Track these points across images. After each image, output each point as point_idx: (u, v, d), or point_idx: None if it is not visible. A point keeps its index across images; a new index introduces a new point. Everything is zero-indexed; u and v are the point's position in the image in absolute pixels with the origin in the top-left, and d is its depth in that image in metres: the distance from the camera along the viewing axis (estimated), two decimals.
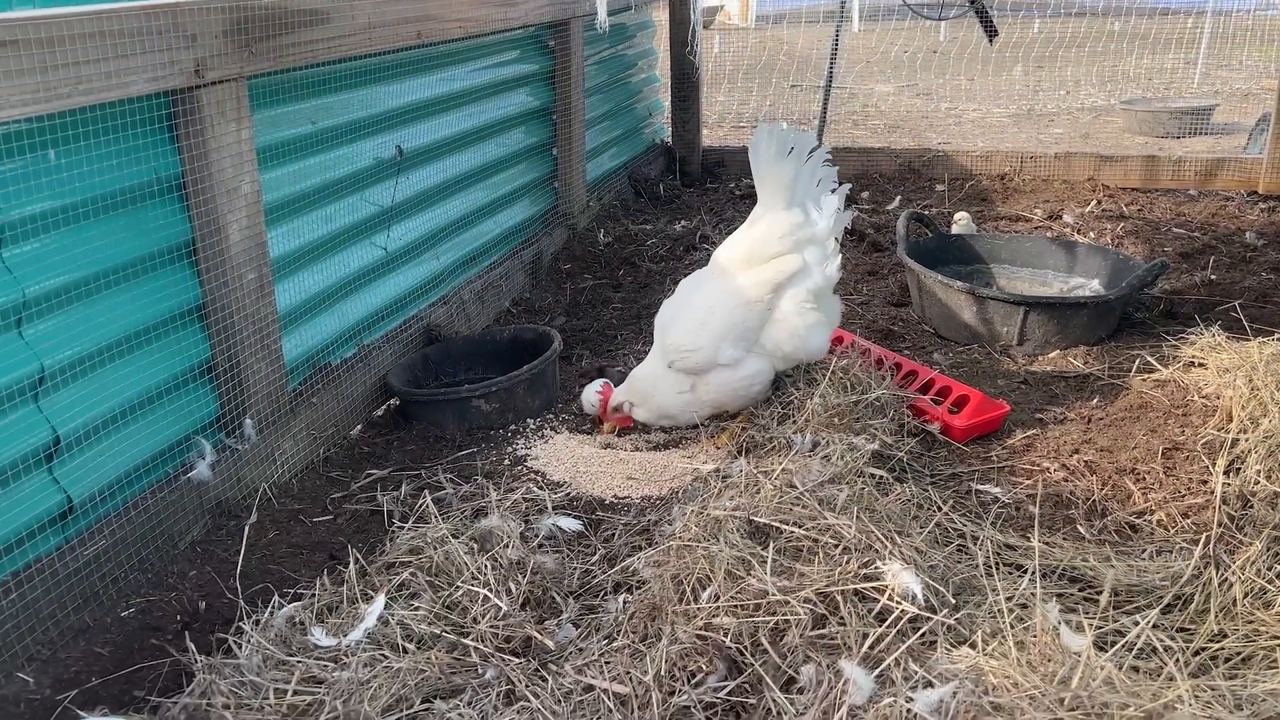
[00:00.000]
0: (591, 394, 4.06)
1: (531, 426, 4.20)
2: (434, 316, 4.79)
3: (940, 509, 2.46)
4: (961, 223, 5.38)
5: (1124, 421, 3.06)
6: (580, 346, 5.19)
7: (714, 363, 3.66)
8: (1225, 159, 5.03)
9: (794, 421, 3.54)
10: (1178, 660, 1.78)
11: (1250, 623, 1.95)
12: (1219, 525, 2.32)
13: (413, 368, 4.51)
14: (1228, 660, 1.87)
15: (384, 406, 4.42)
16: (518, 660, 2.08)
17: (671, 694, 1.86)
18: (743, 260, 3.70)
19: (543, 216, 6.09)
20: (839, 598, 2.02)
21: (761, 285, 3.65)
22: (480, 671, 2.05)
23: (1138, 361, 3.37)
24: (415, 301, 4.67)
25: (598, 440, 4.01)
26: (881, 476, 2.78)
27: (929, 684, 1.71)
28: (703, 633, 1.93)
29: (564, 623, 2.43)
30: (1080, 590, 2.22)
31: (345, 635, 2.14)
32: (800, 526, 2.38)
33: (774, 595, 2.04)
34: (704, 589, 2.14)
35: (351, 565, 2.55)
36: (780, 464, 3.07)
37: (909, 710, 1.62)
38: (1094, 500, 2.65)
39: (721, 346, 3.65)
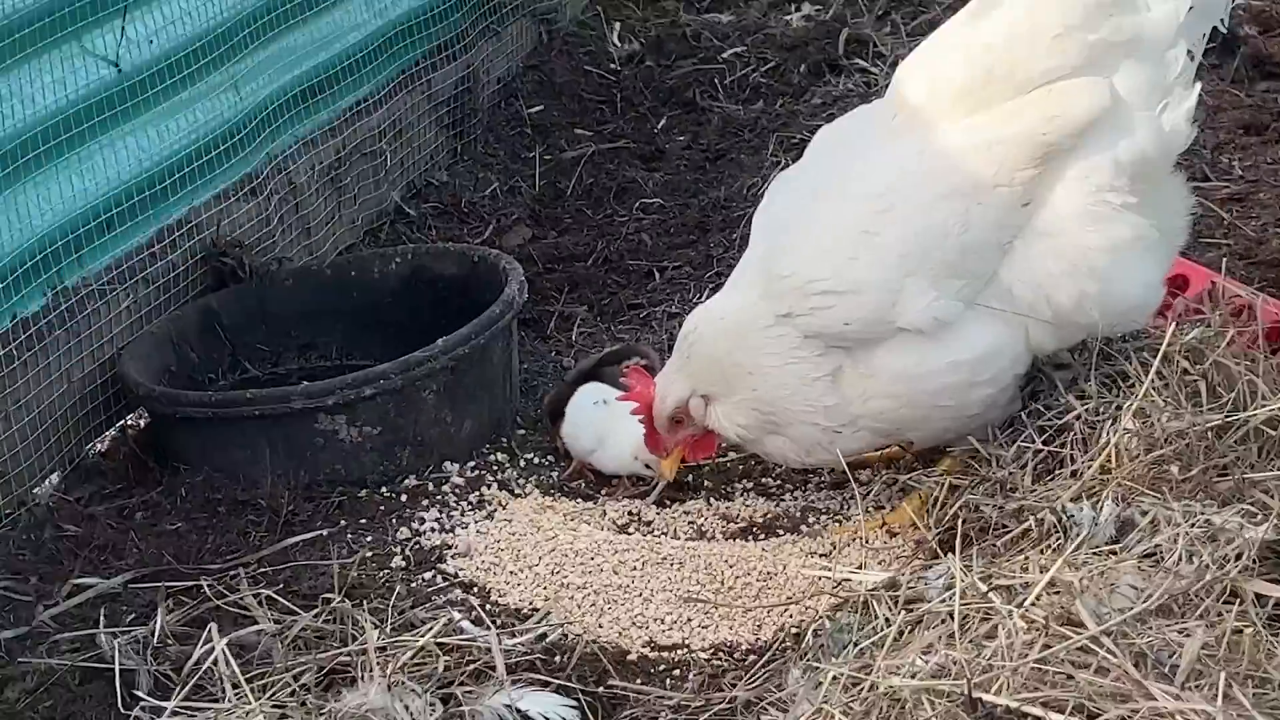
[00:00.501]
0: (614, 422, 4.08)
1: (456, 477, 4.20)
2: (230, 223, 4.83)
3: None
4: None
5: None
6: (567, 295, 5.26)
7: (886, 323, 3.57)
8: None
9: (1074, 472, 3.46)
10: None
11: None
12: None
13: (181, 342, 4.54)
14: None
15: (114, 428, 4.45)
16: None
17: None
18: (963, 91, 3.58)
19: None
20: None
21: (1008, 151, 3.52)
22: None
23: None
24: (186, 189, 4.67)
25: (608, 508, 4.01)
26: None
27: None
28: None
29: None
30: None
31: None
32: None
33: None
34: None
35: None
36: (1044, 572, 3.00)
37: None
38: None
39: (906, 286, 3.54)
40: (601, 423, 4.16)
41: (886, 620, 3.13)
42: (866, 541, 3.81)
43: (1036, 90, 3.56)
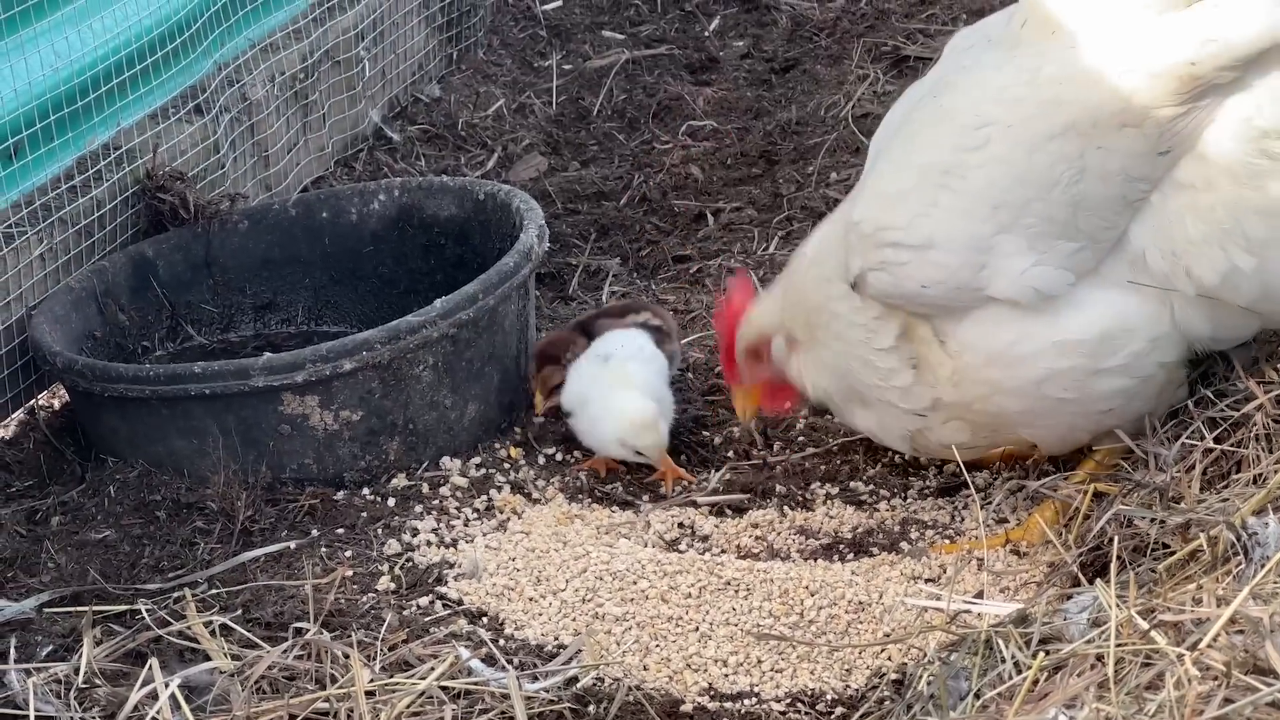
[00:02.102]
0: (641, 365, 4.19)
1: (458, 476, 4.24)
2: (168, 149, 4.84)
3: None
4: None
5: None
6: (595, 243, 5.34)
7: (972, 289, 3.64)
8: None
9: (1257, 478, 3.47)
10: None
11: None
12: None
13: (108, 299, 4.58)
14: None
15: (22, 410, 4.52)
16: None
17: None
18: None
19: None
20: None
21: (1143, 82, 3.53)
22: None
23: None
24: (113, 106, 4.70)
25: (653, 518, 4.01)
26: None
27: None
28: None
29: None
30: None
31: None
32: None
33: None
34: None
35: None
36: (1222, 605, 2.99)
37: None
38: None
39: (998, 245, 3.60)
40: (592, 381, 4.22)
41: (1016, 665, 3.11)
42: (986, 564, 3.81)
43: (1199, 4, 3.54)
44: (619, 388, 4.14)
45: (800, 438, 4.44)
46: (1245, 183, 3.55)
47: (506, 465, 4.32)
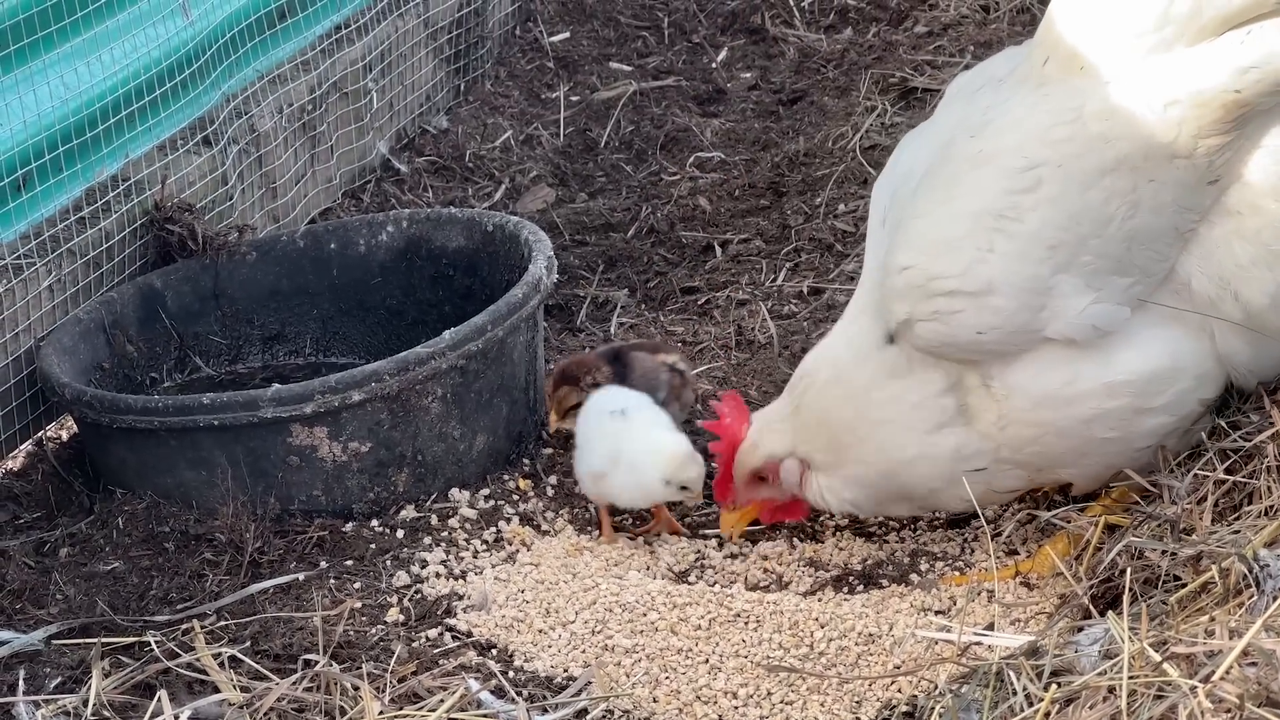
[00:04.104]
0: (677, 464, 4.09)
1: (466, 508, 4.24)
2: (177, 180, 4.86)
3: None
4: None
5: None
6: (603, 275, 5.35)
7: (1030, 331, 3.62)
8: None
9: (1268, 509, 3.46)
10: None
11: None
12: None
13: (116, 331, 4.59)
14: None
15: (30, 441, 4.52)
16: None
17: None
18: (1135, 33, 3.57)
19: None
20: None
21: (1189, 113, 3.53)
22: None
23: None
24: (122, 137, 4.72)
25: (662, 550, 4.02)
26: None
27: None
28: None
29: None
30: None
31: None
32: None
33: None
34: None
35: None
36: (1235, 637, 2.98)
37: None
38: None
39: (1057, 285, 3.59)
40: (616, 438, 4.16)
41: (1028, 697, 3.11)
42: (997, 596, 3.81)
43: (1230, 33, 3.54)
44: (650, 429, 4.14)
45: None
46: None
47: (515, 497, 4.32)
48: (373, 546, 4.12)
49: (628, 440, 4.14)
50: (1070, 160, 3.57)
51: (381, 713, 3.34)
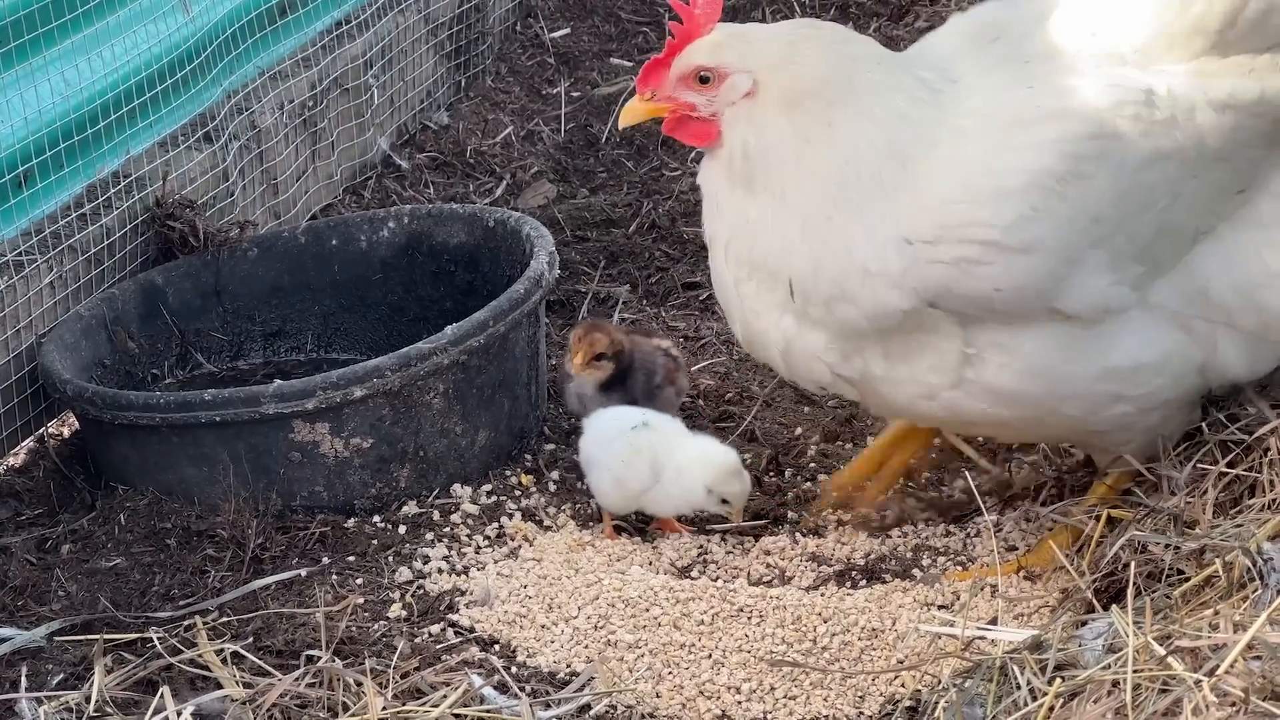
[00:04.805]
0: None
1: (468, 504, 4.25)
2: (178, 177, 4.86)
3: None
4: None
5: None
6: (604, 270, 5.34)
7: (1044, 300, 3.58)
8: None
9: (1271, 503, 3.45)
10: None
11: None
12: None
13: (118, 327, 4.59)
14: None
15: (32, 438, 4.52)
16: None
17: None
18: (1195, 27, 3.57)
19: None
20: None
21: (1242, 121, 3.56)
22: None
23: None
24: (123, 134, 4.75)
25: (664, 545, 4.03)
26: None
27: None
28: None
29: None
30: None
31: None
32: None
33: None
34: None
35: None
36: (1240, 630, 2.99)
37: None
38: None
39: (1088, 260, 3.56)
40: (654, 449, 4.13)
41: (1032, 691, 3.11)
42: (1000, 590, 3.80)
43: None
44: (689, 437, 4.16)
45: (811, 464, 4.44)
46: None
47: (517, 492, 4.32)
48: (375, 542, 4.12)
49: (667, 450, 4.13)
50: (1136, 139, 3.54)
51: (384, 708, 3.34)
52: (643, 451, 4.11)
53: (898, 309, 3.57)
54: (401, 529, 4.17)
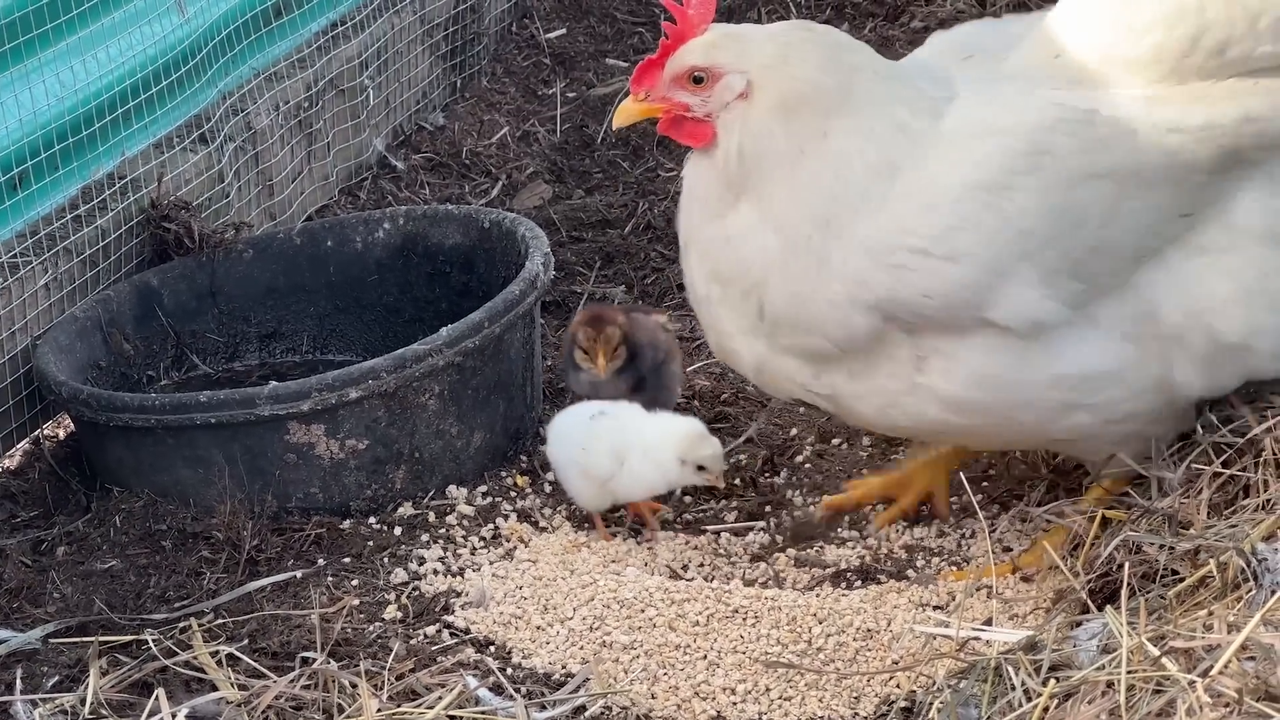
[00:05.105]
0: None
1: (464, 505, 4.25)
2: (173, 178, 4.86)
3: None
4: None
5: None
6: (600, 271, 5.34)
7: (972, 309, 3.60)
8: None
9: (1265, 503, 3.45)
10: None
11: None
12: None
13: (113, 329, 4.60)
14: None
15: (27, 439, 4.52)
16: None
17: None
18: (1155, 54, 3.59)
19: None
20: None
21: (1186, 145, 3.56)
22: None
23: None
24: (118, 135, 4.75)
25: (659, 547, 4.04)
26: None
27: None
28: None
29: None
30: None
31: None
32: None
33: None
34: None
35: None
36: (1234, 631, 2.99)
37: None
38: None
39: (1016, 272, 3.58)
40: (612, 434, 4.14)
41: (1026, 692, 3.11)
42: (994, 591, 3.81)
43: (1243, 79, 3.58)
44: (649, 416, 4.16)
45: (807, 465, 4.44)
46: (1272, 250, 3.65)
47: (513, 494, 4.32)
48: (370, 544, 4.12)
49: (631, 432, 4.14)
50: (1071, 156, 3.58)
51: (379, 710, 3.35)
52: (601, 437, 4.12)
53: (864, 333, 3.63)
54: (397, 530, 4.17)
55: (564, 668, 3.66)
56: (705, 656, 3.67)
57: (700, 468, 4.08)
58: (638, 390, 4.33)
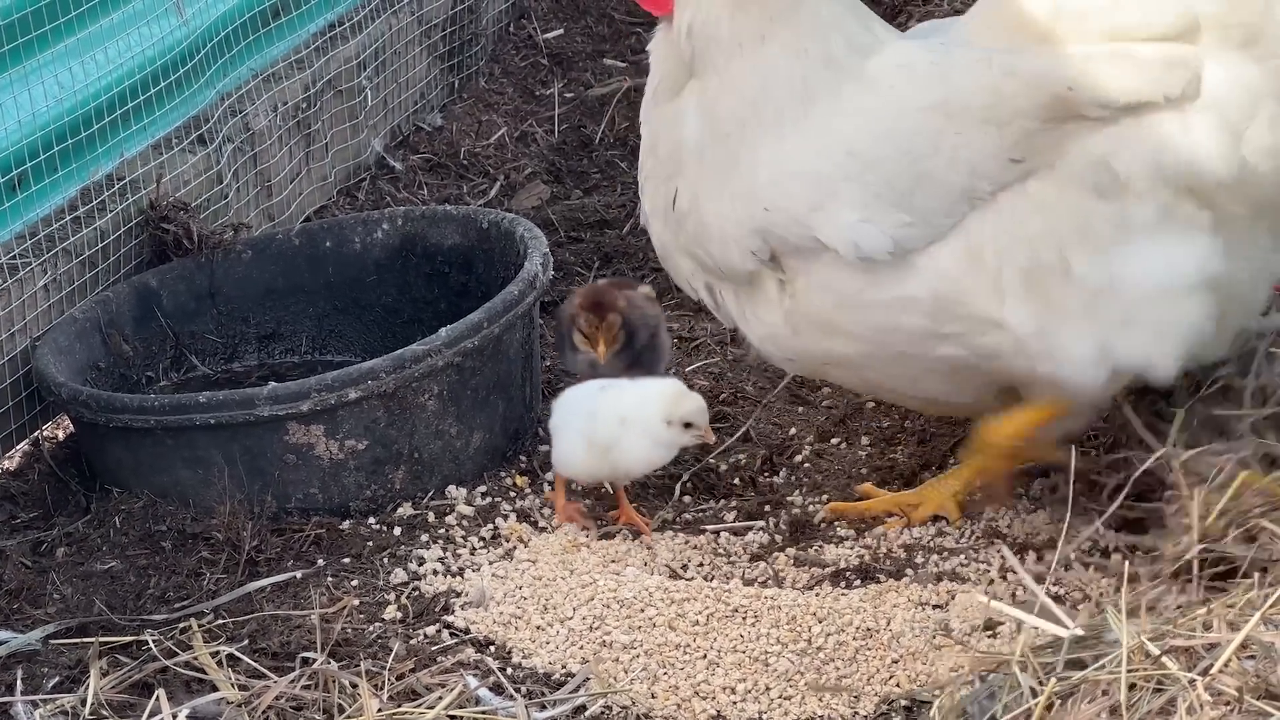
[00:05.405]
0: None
1: (463, 505, 4.26)
2: (172, 179, 4.86)
3: None
4: None
5: None
6: (598, 271, 5.32)
7: (802, 226, 3.72)
8: None
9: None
10: None
11: None
12: None
13: (112, 330, 4.60)
14: None
15: (27, 441, 4.51)
16: None
17: None
18: (1024, 19, 3.74)
19: None
20: None
21: (1017, 88, 3.67)
22: None
23: None
24: (117, 136, 4.76)
25: (659, 546, 4.03)
26: None
27: None
28: None
29: None
30: None
31: None
32: None
33: None
34: None
35: None
36: (1234, 632, 2.98)
37: None
38: None
39: (838, 189, 3.71)
40: (616, 404, 4.15)
41: (1031, 690, 3.10)
42: (990, 592, 3.80)
43: (1109, 44, 3.68)
44: (634, 384, 4.17)
45: (806, 464, 4.44)
46: (1096, 203, 3.72)
47: (512, 494, 4.32)
48: (370, 544, 4.12)
49: (625, 403, 4.14)
50: (901, 85, 3.74)
51: (380, 710, 3.34)
52: (607, 406, 4.14)
53: (739, 262, 3.83)
54: (396, 531, 4.17)
55: (564, 667, 3.66)
56: (705, 656, 3.67)
57: (687, 425, 4.07)
58: (634, 366, 4.35)
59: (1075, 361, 3.72)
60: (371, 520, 4.20)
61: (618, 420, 4.08)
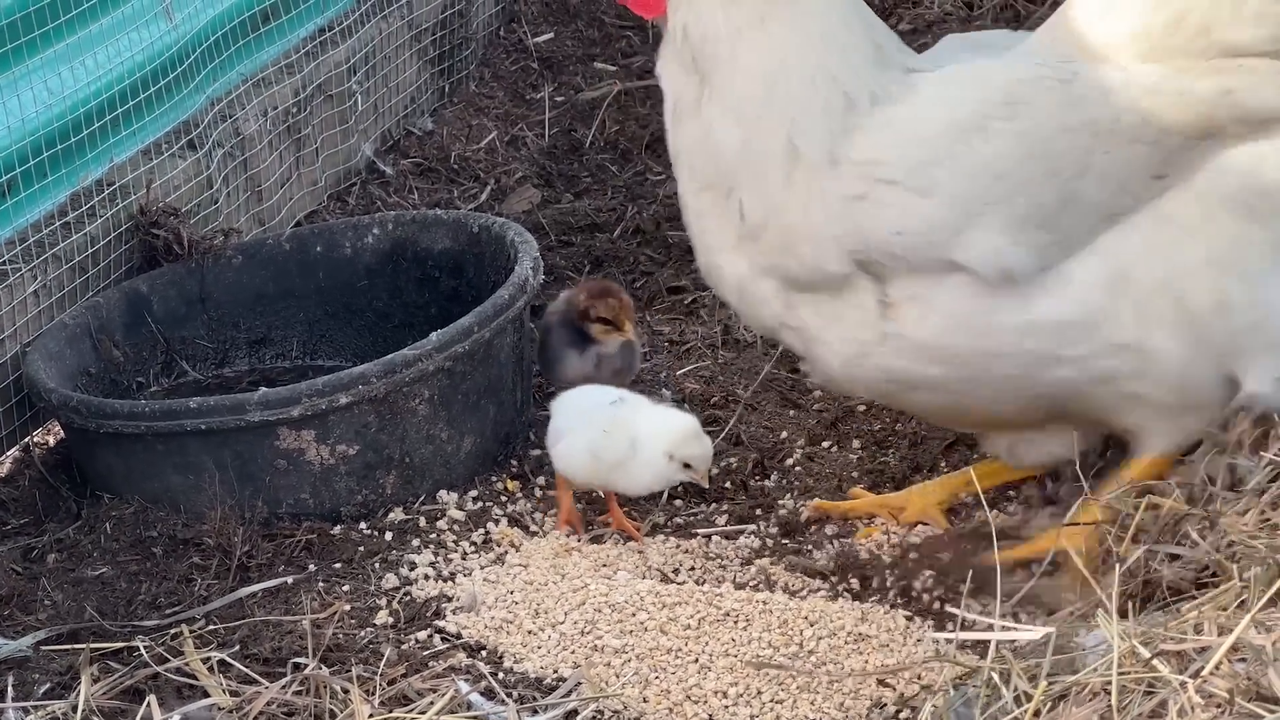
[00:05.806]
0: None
1: (455, 510, 4.26)
2: (162, 184, 4.86)
3: None
4: None
5: None
6: (589, 275, 5.28)
7: (939, 249, 3.65)
8: None
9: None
10: None
11: None
12: None
13: (103, 335, 4.60)
14: None
15: (17, 447, 4.52)
16: None
17: None
18: (1140, 31, 3.69)
19: None
20: None
21: (1165, 105, 3.64)
22: None
23: None
24: (107, 141, 4.76)
25: (650, 551, 4.02)
26: None
27: None
28: None
29: None
30: None
31: None
32: None
33: None
34: None
35: None
36: (1225, 635, 2.96)
37: None
38: None
39: (984, 216, 3.63)
40: (630, 424, 4.14)
41: (1020, 695, 3.09)
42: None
43: (1226, 60, 3.66)
44: (653, 408, 4.18)
45: (797, 468, 4.44)
46: (1243, 218, 3.70)
47: (504, 498, 4.32)
48: (361, 549, 4.11)
49: (639, 428, 4.13)
50: (1049, 107, 3.68)
51: (371, 715, 3.34)
52: (622, 426, 4.12)
53: (835, 264, 3.71)
54: (388, 536, 4.16)
55: (556, 672, 3.65)
56: (697, 660, 3.67)
57: (686, 465, 4.07)
58: (623, 370, 4.41)
59: (1214, 393, 3.74)
60: (363, 525, 4.20)
61: (629, 441, 4.08)
